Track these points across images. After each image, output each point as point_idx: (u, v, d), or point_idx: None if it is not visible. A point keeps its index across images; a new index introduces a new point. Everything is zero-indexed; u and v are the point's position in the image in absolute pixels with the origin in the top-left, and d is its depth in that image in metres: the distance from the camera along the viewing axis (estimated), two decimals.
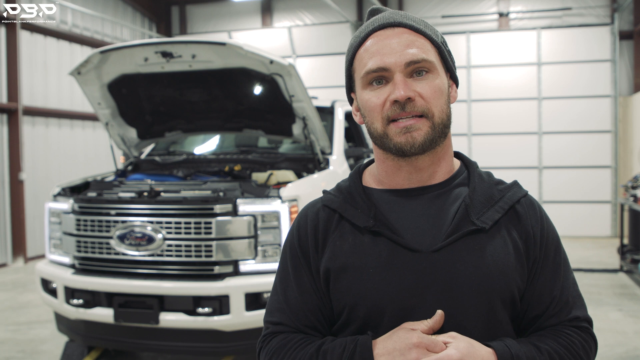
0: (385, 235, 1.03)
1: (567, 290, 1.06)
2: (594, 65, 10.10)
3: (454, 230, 1.02)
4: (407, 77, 1.01)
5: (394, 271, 1.01)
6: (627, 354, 4.38)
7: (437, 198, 1.06)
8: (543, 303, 1.05)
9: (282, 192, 3.62)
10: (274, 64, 3.82)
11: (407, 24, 1.04)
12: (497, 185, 1.09)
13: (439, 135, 1.03)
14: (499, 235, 1.03)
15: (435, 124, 1.02)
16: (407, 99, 0.99)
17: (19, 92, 8.41)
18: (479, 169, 1.13)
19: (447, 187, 1.08)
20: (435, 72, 1.03)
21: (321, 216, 1.11)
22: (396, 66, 1.00)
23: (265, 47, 10.82)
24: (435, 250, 1.01)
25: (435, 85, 1.02)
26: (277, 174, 4.29)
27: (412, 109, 1.00)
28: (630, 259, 6.98)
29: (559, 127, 10.20)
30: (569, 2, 10.29)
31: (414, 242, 1.02)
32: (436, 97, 1.02)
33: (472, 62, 10.58)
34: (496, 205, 1.05)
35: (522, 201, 1.08)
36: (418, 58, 1.01)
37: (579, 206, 9.95)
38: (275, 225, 3.58)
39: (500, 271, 1.00)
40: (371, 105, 1.03)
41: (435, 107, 1.01)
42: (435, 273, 1.00)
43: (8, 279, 7.57)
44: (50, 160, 9.22)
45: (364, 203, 1.08)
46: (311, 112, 4.14)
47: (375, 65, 1.02)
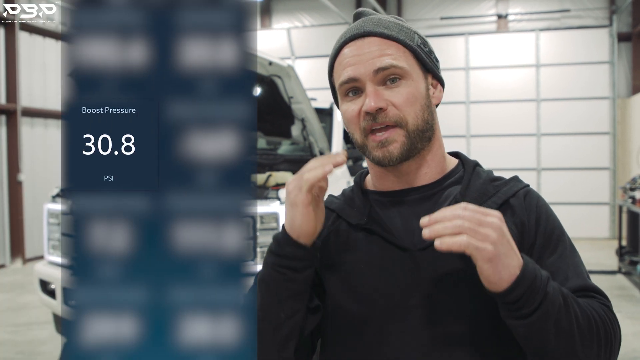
0: (377, 233, 1.05)
1: (581, 278, 1.01)
2: (592, 67, 10.12)
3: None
4: (379, 85, 1.02)
5: (384, 269, 1.03)
6: (626, 356, 4.38)
7: (428, 198, 1.07)
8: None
9: (281, 194, 3.62)
10: (273, 65, 3.83)
11: (377, 32, 1.04)
12: (493, 182, 1.09)
13: (417, 141, 1.03)
14: None
15: (410, 131, 1.02)
16: (378, 109, 1.00)
17: (18, 93, 8.41)
18: (479, 167, 1.13)
19: (439, 187, 1.08)
20: (409, 78, 1.03)
21: None
22: (366, 76, 1.01)
23: (264, 48, 10.83)
24: (422, 249, 1.02)
25: (407, 93, 1.02)
26: (276, 176, 4.29)
27: (384, 119, 1.01)
28: (628, 261, 6.99)
29: (558, 128, 10.22)
30: (567, 4, 10.32)
31: (404, 240, 1.03)
32: (409, 104, 1.01)
33: (471, 64, 10.59)
34: (489, 201, 1.04)
35: (518, 194, 1.06)
36: (386, 65, 1.01)
37: (578, 208, 9.97)
38: (274, 226, 3.58)
39: None
40: (348, 116, 1.05)
41: (408, 115, 1.01)
42: (421, 270, 1.01)
43: (6, 280, 7.56)
44: (49, 162, 9.21)
45: (360, 203, 1.10)
46: (310, 113, 4.14)
47: (347, 76, 1.03)
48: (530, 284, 0.87)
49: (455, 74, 10.40)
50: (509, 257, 0.87)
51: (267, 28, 11.84)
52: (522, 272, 0.87)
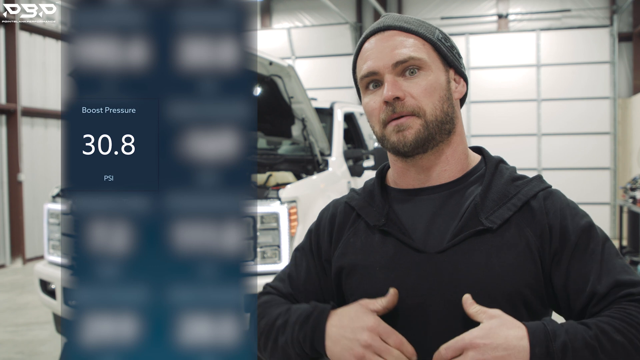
0: (393, 234, 1.04)
1: (612, 273, 0.96)
2: (593, 67, 10.11)
3: (459, 230, 1.00)
4: (398, 76, 1.02)
5: (398, 271, 1.02)
6: None
7: (449, 197, 1.05)
8: (584, 294, 0.96)
9: (281, 194, 3.62)
10: (273, 65, 3.83)
11: (396, 25, 1.05)
12: (515, 182, 1.06)
13: (435, 132, 1.02)
14: (508, 234, 1.00)
15: (428, 121, 1.01)
16: (395, 98, 1.00)
17: (18, 93, 8.41)
18: (503, 164, 1.11)
19: (461, 185, 1.06)
20: (428, 69, 1.03)
21: (340, 211, 1.14)
22: (385, 68, 1.02)
23: (264, 48, 10.82)
24: (440, 252, 1.00)
25: (426, 83, 1.02)
26: (276, 175, 4.29)
27: (402, 108, 1.01)
28: (629, 261, 6.99)
29: (558, 128, 10.21)
30: (568, 4, 10.31)
31: (420, 242, 1.02)
32: (427, 94, 1.01)
33: (472, 64, 10.59)
34: (509, 203, 1.02)
35: (538, 195, 1.03)
36: (405, 57, 1.01)
37: None
38: (274, 226, 3.58)
39: (506, 272, 0.97)
40: (369, 109, 1.05)
41: (426, 105, 1.01)
42: (438, 274, 0.99)
43: (6, 280, 7.56)
44: (49, 161, 9.21)
45: (380, 202, 1.09)
46: (310, 113, 4.14)
47: (367, 70, 1.04)
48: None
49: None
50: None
51: (268, 28, 11.83)
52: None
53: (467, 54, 10.58)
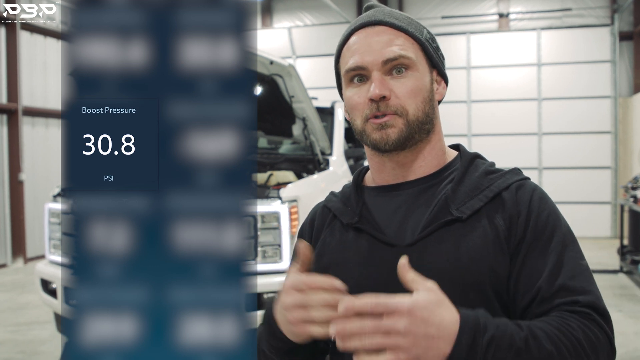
0: (366, 231, 1.05)
1: (564, 276, 0.94)
2: (593, 66, 10.11)
3: (429, 222, 1.01)
4: (386, 74, 1.02)
5: (372, 266, 1.02)
6: (627, 355, 4.38)
7: (424, 191, 1.06)
8: (531, 291, 0.94)
9: (282, 193, 3.62)
10: (274, 64, 3.83)
11: (387, 21, 1.05)
12: (489, 175, 1.05)
13: (415, 132, 1.03)
14: (479, 224, 0.99)
15: (410, 121, 1.02)
16: (381, 97, 1.00)
17: (19, 92, 8.41)
18: (479, 159, 1.11)
19: (435, 180, 1.07)
20: (415, 70, 1.03)
21: (319, 214, 1.16)
22: (373, 65, 1.02)
23: (265, 47, 10.82)
24: (410, 244, 1.00)
25: (412, 84, 1.02)
26: (277, 175, 4.29)
27: (386, 108, 1.01)
28: (630, 260, 6.98)
29: (559, 128, 10.21)
30: (568, 3, 10.30)
31: (393, 237, 1.03)
32: (412, 95, 1.02)
33: (472, 63, 10.59)
34: (480, 195, 1.01)
35: (511, 187, 1.02)
36: (395, 55, 1.01)
37: (579, 207, 9.95)
38: (275, 225, 3.59)
39: (474, 262, 0.96)
40: (353, 103, 1.05)
41: (409, 106, 1.02)
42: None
43: (7, 279, 7.57)
44: (50, 161, 9.22)
45: (354, 201, 1.10)
46: (311, 112, 4.14)
47: (354, 63, 1.03)
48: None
49: (456, 73, 10.39)
50: (432, 349, 0.80)
51: (268, 27, 11.83)
52: (453, 352, 0.81)
53: (467, 53, 10.58)
